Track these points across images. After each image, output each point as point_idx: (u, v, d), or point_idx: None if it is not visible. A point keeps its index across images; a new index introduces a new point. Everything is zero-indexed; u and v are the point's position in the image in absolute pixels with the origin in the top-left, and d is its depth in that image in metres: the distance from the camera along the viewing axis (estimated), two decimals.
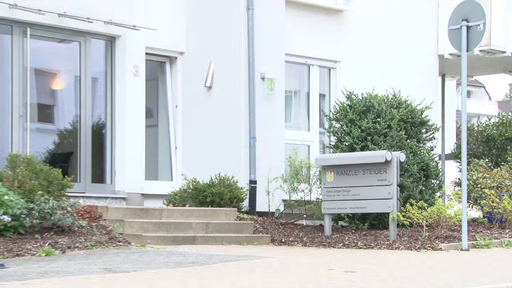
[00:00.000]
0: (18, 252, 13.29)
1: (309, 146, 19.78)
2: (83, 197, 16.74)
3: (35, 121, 17.41)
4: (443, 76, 23.11)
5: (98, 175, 18.02)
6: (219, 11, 18.61)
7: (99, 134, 18.14)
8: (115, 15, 17.71)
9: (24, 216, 14.23)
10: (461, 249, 15.02)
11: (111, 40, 18.08)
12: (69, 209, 14.94)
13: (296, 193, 18.07)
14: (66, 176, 15.84)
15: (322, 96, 20.29)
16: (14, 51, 16.88)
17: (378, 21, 20.71)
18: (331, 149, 17.92)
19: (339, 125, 17.70)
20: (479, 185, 18.22)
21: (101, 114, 18.21)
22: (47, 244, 13.87)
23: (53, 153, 17.74)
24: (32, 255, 13.28)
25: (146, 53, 18.37)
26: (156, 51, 18.76)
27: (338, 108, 17.94)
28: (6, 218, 14.00)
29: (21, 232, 14.24)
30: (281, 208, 18.18)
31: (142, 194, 17.97)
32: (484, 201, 17.95)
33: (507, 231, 17.09)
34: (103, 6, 17.64)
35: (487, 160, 19.77)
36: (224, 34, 18.53)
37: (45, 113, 18.03)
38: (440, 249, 15.05)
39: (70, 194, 15.89)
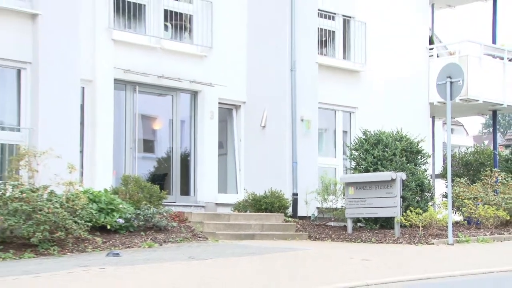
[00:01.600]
0: (129, 245, 13.53)
1: (335, 168, 19.56)
2: (174, 205, 16.67)
3: (141, 152, 17.47)
4: (433, 118, 22.86)
5: (185, 190, 17.90)
6: (270, 72, 18.48)
7: (185, 161, 18.04)
8: (197, 76, 17.77)
9: (133, 219, 14.47)
10: (448, 244, 14.98)
11: (194, 94, 18.04)
12: (164, 214, 15.04)
13: (326, 202, 17.92)
14: (162, 191, 15.88)
15: (344, 132, 20.07)
16: (127, 102, 17.02)
17: (385, 78, 20.50)
18: (352, 171, 17.86)
19: (357, 153, 17.63)
20: (460, 197, 18.10)
21: (187, 146, 18.11)
22: (149, 239, 14.05)
23: (153, 174, 17.75)
24: (139, 247, 13.46)
25: (219, 103, 18.38)
26: (226, 101, 18.64)
27: (356, 141, 17.92)
28: (121, 221, 14.26)
29: (131, 230, 14.43)
30: (316, 213, 18.06)
31: (216, 203, 17.96)
32: (464, 208, 17.93)
33: (481, 230, 17.01)
34: (188, 70, 17.66)
35: (466, 178, 19.73)
36: (274, 88, 18.41)
37: (148, 145, 17.99)
38: (432, 243, 15.04)
39: (165, 203, 15.91)
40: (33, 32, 14.78)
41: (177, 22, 18.00)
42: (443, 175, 21.14)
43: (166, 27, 17.71)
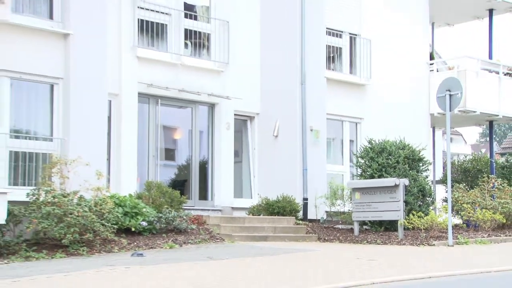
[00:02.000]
0: (152, 246, 13.55)
1: (343, 175, 19.41)
2: (193, 209, 16.62)
3: (163, 159, 17.38)
4: (433, 128, 22.80)
5: (203, 195, 17.86)
6: (282, 85, 18.44)
7: (203, 168, 18.00)
8: (214, 90, 17.77)
9: (155, 222, 14.49)
10: (448, 245, 14.94)
11: (212, 106, 18.02)
12: (184, 217, 15.07)
13: (334, 206, 17.85)
14: (182, 195, 15.93)
15: (351, 141, 19.95)
16: (150, 114, 17.01)
17: (389, 91, 20.39)
18: (358, 177, 17.79)
19: (363, 161, 17.59)
20: (459, 201, 18.01)
21: (205, 155, 18.07)
22: (170, 240, 14.06)
23: (174, 180, 17.68)
24: (161, 248, 13.50)
25: (235, 114, 18.36)
26: (241, 113, 18.61)
27: (362, 149, 17.87)
28: (144, 224, 14.31)
29: (153, 232, 14.46)
30: (324, 217, 17.98)
31: (232, 207, 17.91)
32: (463, 212, 17.84)
33: (479, 233, 16.92)
34: (207, 84, 17.67)
35: (464, 184, 19.67)
36: (286, 101, 18.38)
37: (169, 154, 17.91)
38: (434, 245, 15.00)
39: (185, 207, 15.91)
40: (65, 50, 14.84)
41: (196, 40, 18.05)
42: (443, 181, 21.02)
43: (186, 44, 17.73)
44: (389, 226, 16.76)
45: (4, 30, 13.14)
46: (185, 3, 17.69)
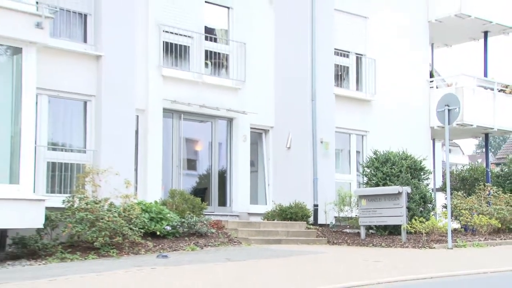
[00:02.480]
0: (175, 248, 13.53)
1: (350, 183, 19.39)
2: (213, 215, 16.58)
3: (185, 169, 17.39)
4: (433, 140, 22.70)
5: (222, 201, 17.80)
6: (294, 101, 18.45)
7: (222, 177, 17.97)
8: (232, 106, 17.78)
9: (178, 226, 14.51)
10: (448, 248, 14.90)
11: (230, 120, 18.00)
12: (205, 222, 15.05)
13: (343, 212, 17.83)
14: (203, 202, 15.93)
15: (358, 152, 19.92)
16: (174, 128, 17.02)
17: (392, 106, 20.38)
18: (364, 185, 17.79)
19: (369, 170, 17.55)
20: (458, 208, 17.95)
21: (223, 165, 18.05)
22: (192, 243, 14.03)
23: (196, 188, 17.67)
24: (183, 250, 13.48)
25: (251, 127, 18.33)
26: (257, 126, 18.59)
27: (368, 160, 17.86)
28: (168, 228, 14.30)
29: (177, 236, 14.45)
30: (333, 222, 17.94)
31: (248, 213, 17.86)
32: (461, 217, 17.80)
33: (477, 237, 16.86)
34: (225, 101, 17.69)
35: (462, 192, 19.54)
36: (298, 115, 18.36)
37: (191, 164, 17.86)
38: (434, 248, 14.95)
39: (205, 213, 15.89)
40: (97, 70, 14.91)
41: (216, 60, 18.08)
42: (442, 189, 20.94)
43: (206, 64, 17.76)
44: (393, 230, 16.69)
45: (43, 53, 13.23)
46: (205, 27, 17.74)
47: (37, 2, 12.80)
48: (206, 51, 17.71)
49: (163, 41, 16.74)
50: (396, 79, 20.74)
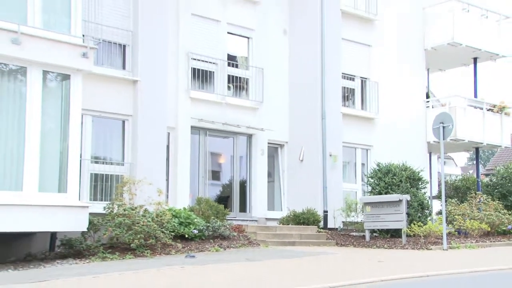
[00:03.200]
0: (202, 249, 13.47)
1: (356, 191, 19.31)
2: (235, 220, 16.59)
3: (210, 179, 17.36)
4: (430, 153, 22.55)
5: (242, 208, 17.77)
6: (306, 119, 18.42)
7: (243, 186, 17.95)
8: (251, 123, 17.83)
9: (204, 230, 14.46)
10: (443, 249, 14.81)
11: (249, 136, 17.99)
12: (227, 226, 14.98)
13: (349, 217, 17.72)
14: (226, 208, 15.88)
15: (362, 164, 19.84)
16: (200, 143, 17.04)
17: (393, 124, 20.31)
18: (368, 194, 17.67)
19: (372, 180, 17.43)
20: (452, 213, 17.85)
21: (244, 175, 18.01)
22: (216, 245, 13.94)
23: (219, 196, 17.63)
24: (209, 251, 13.41)
25: (268, 142, 18.32)
26: (273, 141, 18.56)
27: (372, 171, 17.76)
28: (195, 231, 14.25)
29: (203, 238, 14.40)
30: (341, 226, 17.84)
31: (266, 218, 17.84)
32: (455, 222, 17.68)
33: (469, 239, 16.71)
34: (245, 119, 17.74)
35: (456, 199, 19.44)
36: (309, 131, 18.32)
37: (215, 175, 17.85)
38: (431, 249, 14.86)
39: (228, 218, 15.84)
40: (134, 93, 14.98)
41: (237, 84, 18.10)
42: (438, 197, 20.84)
43: (229, 87, 17.81)
44: (394, 234, 16.58)
45: (88, 79, 13.34)
46: (228, 54, 17.82)
47: (83, 35, 12.93)
48: (229, 76, 17.78)
49: (191, 67, 16.83)
50: (396, 100, 20.69)
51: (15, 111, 11.82)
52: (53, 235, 12.93)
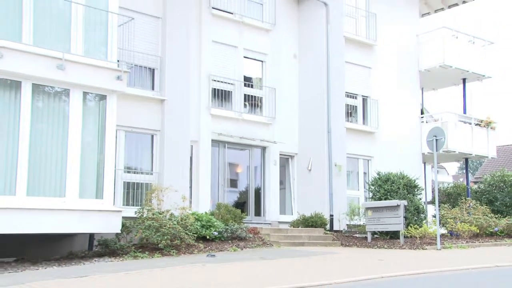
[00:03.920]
0: (221, 249, 13.49)
1: (358, 197, 19.27)
2: (250, 223, 16.59)
3: (228, 187, 17.33)
4: (424, 163, 22.45)
5: (257, 212, 17.77)
6: (314, 133, 18.35)
7: (258, 193, 17.93)
8: (265, 137, 17.84)
9: (223, 232, 14.46)
10: (437, 249, 14.77)
11: (263, 148, 17.99)
12: (244, 228, 14.97)
13: (353, 220, 17.71)
14: (242, 213, 15.84)
15: (364, 173, 19.79)
16: (220, 155, 17.02)
17: (391, 137, 20.26)
18: (370, 199, 17.61)
19: (373, 187, 17.38)
20: (444, 217, 17.73)
21: (258, 183, 18.01)
22: (234, 245, 13.94)
23: (236, 202, 17.57)
24: (227, 251, 13.41)
25: (280, 154, 18.29)
26: (284, 153, 18.52)
27: (373, 179, 17.71)
28: (216, 233, 14.27)
29: (222, 239, 14.40)
30: (346, 228, 17.80)
31: (278, 221, 17.77)
32: (447, 225, 17.59)
33: (460, 240, 16.62)
34: (259, 133, 17.74)
35: (448, 204, 19.33)
36: (317, 144, 18.27)
37: (233, 183, 17.78)
38: (426, 249, 14.83)
39: (244, 221, 15.85)
40: (161, 110, 15.07)
41: (252, 102, 18.14)
42: (432, 202, 20.73)
43: (245, 105, 17.85)
44: (393, 235, 16.50)
45: (122, 98, 13.46)
46: (244, 76, 17.87)
47: (118, 61, 13.06)
48: (245, 95, 17.83)
49: (212, 88, 16.91)
50: (394, 116, 20.67)
51: (59, 127, 11.96)
52: (91, 236, 13.06)
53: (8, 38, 11.34)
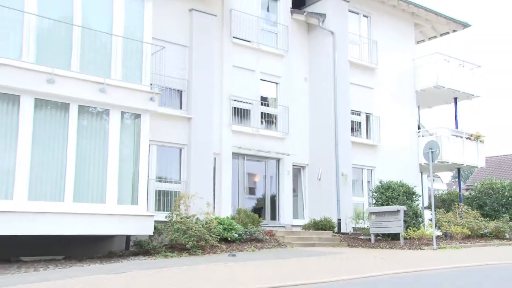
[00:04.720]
0: (241, 250, 13.20)
1: (363, 203, 19.11)
2: (267, 226, 16.53)
3: (247, 194, 17.27)
4: (421, 173, 22.31)
5: (273, 217, 17.66)
6: (323, 146, 18.27)
7: (273, 200, 17.83)
8: (279, 150, 17.78)
9: (243, 234, 14.35)
10: (433, 249, 14.65)
11: (278, 160, 17.90)
12: (261, 231, 14.84)
13: (358, 224, 17.55)
14: (260, 217, 15.81)
15: (368, 182, 19.62)
16: (239, 166, 16.97)
17: (392, 149, 20.14)
18: (373, 205, 17.45)
19: (376, 194, 17.27)
20: (440, 220, 17.63)
21: (274, 191, 17.90)
22: (252, 246, 13.84)
23: (254, 207, 17.49)
24: (247, 251, 13.32)
25: (293, 165, 18.18)
26: (297, 164, 18.43)
27: (375, 187, 17.58)
28: (236, 235, 14.17)
29: (241, 241, 14.29)
30: (351, 231, 17.66)
31: (291, 225, 17.66)
32: (442, 227, 17.47)
33: (453, 241, 16.49)
34: (274, 146, 17.68)
35: (443, 209, 19.23)
36: (326, 156, 18.16)
37: (251, 191, 17.71)
38: (423, 249, 14.71)
39: (262, 225, 15.79)
40: (188, 127, 15.17)
41: (268, 119, 18.12)
42: (428, 207, 20.62)
43: (261, 122, 17.85)
44: (394, 237, 16.34)
45: (154, 117, 13.62)
46: (261, 96, 17.89)
47: (151, 84, 13.26)
48: (262, 113, 17.83)
49: (232, 106, 16.95)
50: (394, 130, 20.55)
51: (100, 142, 12.14)
52: (128, 237, 13.16)
53: (59, 66, 11.66)
